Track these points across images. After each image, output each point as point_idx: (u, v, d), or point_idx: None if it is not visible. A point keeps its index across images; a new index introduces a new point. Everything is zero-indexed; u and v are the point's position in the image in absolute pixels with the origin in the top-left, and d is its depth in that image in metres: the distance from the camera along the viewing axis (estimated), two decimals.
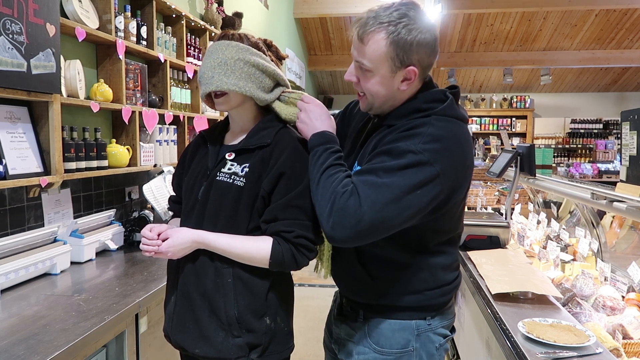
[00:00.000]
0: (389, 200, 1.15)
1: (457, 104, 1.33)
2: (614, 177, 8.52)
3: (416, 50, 1.23)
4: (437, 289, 1.36)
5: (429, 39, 1.24)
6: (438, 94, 1.31)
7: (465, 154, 1.27)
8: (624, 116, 2.04)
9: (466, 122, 1.34)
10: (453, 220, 1.37)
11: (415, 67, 1.25)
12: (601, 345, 1.43)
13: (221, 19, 3.94)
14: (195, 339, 1.40)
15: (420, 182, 1.17)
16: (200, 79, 1.39)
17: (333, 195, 1.19)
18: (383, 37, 1.23)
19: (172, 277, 1.49)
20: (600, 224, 2.68)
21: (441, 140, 1.21)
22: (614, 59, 9.13)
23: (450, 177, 1.22)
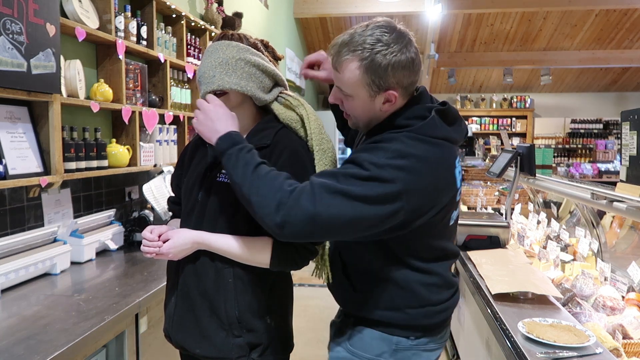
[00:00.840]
0: (344, 207, 1.12)
1: (446, 122, 1.27)
2: (614, 177, 8.53)
3: (392, 74, 1.20)
4: (421, 309, 1.31)
5: (405, 60, 1.20)
6: (421, 110, 1.26)
7: (436, 175, 1.21)
8: (624, 116, 2.04)
9: (452, 142, 1.28)
10: (434, 239, 1.32)
11: (394, 90, 1.23)
12: (601, 345, 1.44)
13: (221, 19, 3.94)
14: (196, 339, 1.41)
15: (377, 197, 1.13)
16: (200, 78, 1.39)
17: (279, 192, 1.15)
18: (356, 65, 1.20)
19: (172, 277, 1.50)
20: (600, 224, 2.68)
21: (407, 158, 1.17)
22: (614, 59, 9.13)
23: (415, 197, 1.18)
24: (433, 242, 1.32)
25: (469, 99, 11.09)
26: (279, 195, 1.14)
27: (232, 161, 1.23)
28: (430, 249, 1.32)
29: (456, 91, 11.14)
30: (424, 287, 1.31)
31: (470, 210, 4.17)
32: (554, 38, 8.85)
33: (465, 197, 4.66)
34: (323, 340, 3.86)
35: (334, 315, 1.55)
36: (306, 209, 1.12)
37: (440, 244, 1.33)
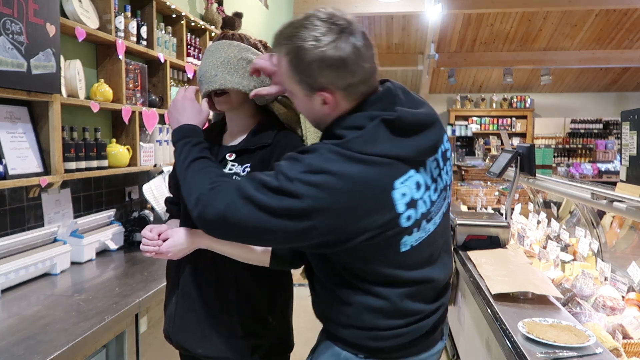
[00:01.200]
0: (250, 214, 1.07)
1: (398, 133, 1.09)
2: (614, 177, 8.52)
3: (320, 73, 1.08)
4: (366, 331, 1.20)
5: (336, 57, 1.06)
6: (360, 119, 1.11)
7: (358, 197, 1.06)
8: (624, 116, 2.04)
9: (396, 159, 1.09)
10: (382, 266, 1.17)
11: (327, 92, 1.11)
12: (601, 345, 1.43)
13: (221, 19, 3.94)
14: (198, 339, 1.41)
15: (282, 211, 1.05)
16: (202, 78, 1.39)
17: (200, 189, 1.15)
18: (284, 60, 1.12)
19: (172, 277, 1.49)
20: (600, 224, 2.68)
21: (320, 175, 1.05)
22: (614, 59, 9.13)
23: (331, 218, 1.06)
24: (381, 269, 1.17)
25: (469, 99, 11.09)
26: (198, 192, 1.15)
27: (177, 153, 1.27)
28: (377, 275, 1.18)
29: (456, 91, 11.14)
30: (367, 311, 1.19)
31: (470, 210, 4.17)
32: (554, 38, 8.85)
33: (465, 197, 4.66)
34: None
35: None
36: (216, 208, 1.11)
37: (391, 272, 1.17)
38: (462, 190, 4.78)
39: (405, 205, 1.11)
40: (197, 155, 1.24)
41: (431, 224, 1.19)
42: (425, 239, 1.19)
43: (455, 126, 10.51)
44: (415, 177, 1.12)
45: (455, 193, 4.96)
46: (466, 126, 10.53)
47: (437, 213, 1.21)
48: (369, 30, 8.51)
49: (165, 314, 1.52)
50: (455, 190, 4.99)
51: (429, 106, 1.20)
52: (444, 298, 1.29)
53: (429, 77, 9.36)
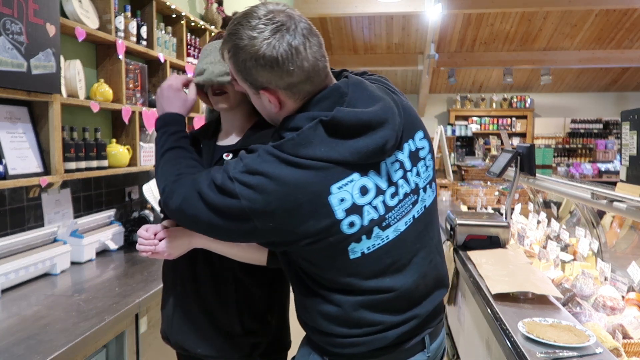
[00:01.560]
0: (201, 210, 1.09)
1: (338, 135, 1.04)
2: (614, 177, 8.53)
3: (256, 72, 1.05)
4: (324, 337, 1.17)
5: (269, 56, 1.03)
6: (300, 120, 1.07)
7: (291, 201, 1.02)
8: (624, 116, 2.04)
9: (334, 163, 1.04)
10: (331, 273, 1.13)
11: (268, 92, 1.08)
12: (601, 345, 1.43)
13: (221, 19, 3.94)
14: (197, 339, 1.41)
15: (224, 210, 1.06)
16: (199, 76, 1.39)
17: (167, 179, 1.19)
18: (227, 57, 1.10)
19: (169, 278, 1.49)
20: (600, 224, 2.68)
21: (256, 176, 1.03)
22: (614, 59, 9.13)
23: (267, 220, 1.04)
24: (333, 276, 1.13)
25: (469, 99, 11.09)
26: (164, 182, 1.19)
27: (157, 141, 1.30)
28: (330, 281, 1.14)
29: (456, 91, 11.15)
30: (322, 317, 1.16)
31: (470, 210, 4.17)
32: (554, 38, 8.85)
33: (465, 197, 4.66)
34: None
35: None
36: (175, 201, 1.14)
37: (344, 279, 1.12)
38: (462, 190, 4.78)
39: (345, 212, 1.05)
40: (172, 145, 1.26)
41: (390, 231, 1.12)
42: (382, 247, 1.12)
43: (455, 126, 10.51)
44: (359, 182, 1.06)
45: (455, 193, 4.96)
46: (466, 126, 10.53)
47: (399, 219, 1.13)
48: (369, 30, 8.52)
49: (162, 314, 1.52)
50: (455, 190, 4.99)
51: (386, 104, 1.11)
52: (419, 308, 1.20)
53: (429, 77, 9.36)
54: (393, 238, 1.13)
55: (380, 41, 8.88)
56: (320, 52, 1.09)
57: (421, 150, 1.20)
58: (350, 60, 9.20)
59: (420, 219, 1.19)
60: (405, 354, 1.20)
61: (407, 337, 1.19)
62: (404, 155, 1.15)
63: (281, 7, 1.08)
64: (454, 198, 4.94)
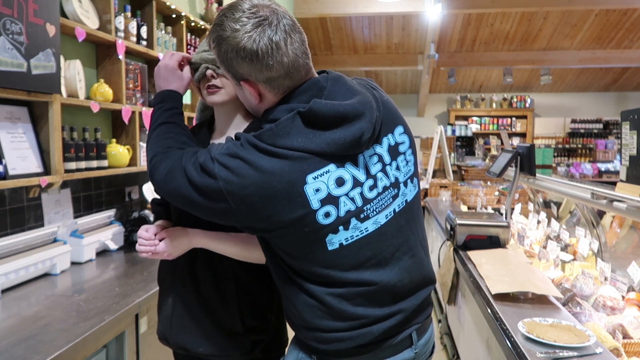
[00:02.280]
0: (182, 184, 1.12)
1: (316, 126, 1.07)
2: (614, 177, 8.53)
3: (237, 64, 1.08)
4: (310, 332, 1.16)
5: (249, 49, 1.05)
6: (279, 112, 1.10)
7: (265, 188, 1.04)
8: (624, 116, 2.04)
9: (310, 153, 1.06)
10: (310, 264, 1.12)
11: (248, 84, 1.11)
12: (601, 345, 1.43)
13: None
14: (198, 339, 1.41)
15: (202, 188, 1.09)
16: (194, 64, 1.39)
17: (155, 151, 1.22)
18: (212, 45, 1.13)
19: (167, 278, 1.49)
20: (600, 224, 2.68)
21: (236, 159, 1.07)
22: (614, 59, 9.13)
23: (241, 203, 1.06)
24: (312, 267, 1.13)
25: (469, 99, 11.09)
26: (153, 153, 1.23)
27: (152, 116, 1.33)
28: (309, 272, 1.14)
29: (456, 91, 11.15)
30: (307, 309, 1.15)
31: (470, 210, 4.17)
32: (554, 38, 8.85)
33: (465, 197, 4.66)
34: None
35: None
36: (160, 172, 1.17)
37: (322, 271, 1.12)
38: (462, 190, 4.78)
39: (320, 202, 1.07)
40: (166, 120, 1.29)
41: (369, 223, 1.12)
42: (361, 239, 1.12)
43: (455, 126, 10.50)
44: (335, 173, 1.08)
45: (455, 193, 4.97)
46: (466, 126, 10.53)
47: (379, 212, 1.14)
48: (369, 30, 8.52)
49: (159, 315, 1.52)
50: (455, 190, 4.99)
51: (364, 97, 1.13)
52: (405, 303, 1.19)
53: (429, 77, 9.36)
54: (373, 231, 1.14)
55: (380, 41, 8.88)
56: (302, 49, 1.11)
57: (401, 145, 1.21)
58: (350, 60, 9.20)
59: (401, 213, 1.19)
60: (393, 350, 1.20)
61: (393, 333, 1.19)
62: (383, 149, 1.17)
63: (266, 1, 1.10)
64: (454, 198, 4.94)
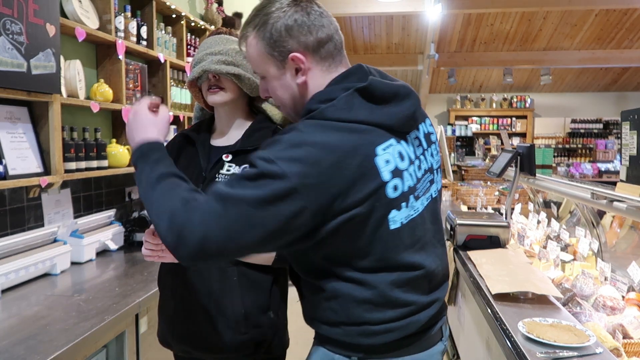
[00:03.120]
0: (235, 216, 0.95)
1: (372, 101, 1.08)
2: (614, 177, 8.53)
3: (289, 35, 1.09)
4: (355, 327, 1.12)
5: (301, 17, 1.10)
6: (335, 91, 1.09)
7: (341, 165, 1.00)
8: (624, 116, 2.04)
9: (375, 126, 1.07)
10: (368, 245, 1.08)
11: (298, 53, 1.10)
12: (601, 345, 1.43)
13: (221, 19, 3.94)
14: (203, 340, 1.41)
15: (270, 196, 0.96)
16: (195, 65, 1.40)
17: (171, 209, 0.98)
18: (253, 36, 1.12)
19: (168, 280, 1.49)
20: (600, 224, 2.68)
21: (302, 147, 0.99)
22: (614, 59, 9.13)
23: (317, 192, 0.98)
24: (369, 252, 1.08)
25: (469, 99, 11.09)
26: (167, 218, 0.98)
27: (137, 179, 1.11)
28: (362, 256, 1.09)
29: (456, 91, 11.14)
30: (356, 303, 1.10)
31: (470, 210, 4.17)
32: (554, 38, 8.85)
33: (465, 197, 4.66)
34: None
35: None
36: (194, 235, 0.95)
37: (381, 254, 1.09)
38: (462, 190, 4.78)
39: (391, 173, 1.06)
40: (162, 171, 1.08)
41: (419, 203, 1.14)
42: (414, 219, 1.12)
43: (455, 126, 10.51)
44: (397, 147, 1.09)
45: (455, 193, 4.96)
46: (466, 126, 10.53)
47: (424, 194, 1.16)
48: (369, 30, 8.52)
49: (160, 318, 1.52)
50: (455, 190, 4.99)
51: (404, 83, 1.19)
52: (438, 292, 1.21)
53: (429, 77, 9.36)
54: (421, 211, 1.15)
55: (380, 41, 8.88)
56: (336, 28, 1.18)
57: (432, 135, 1.25)
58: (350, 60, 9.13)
59: (435, 199, 1.23)
60: (429, 342, 1.20)
61: (432, 322, 1.20)
62: (421, 135, 1.20)
63: None
64: (454, 198, 4.94)
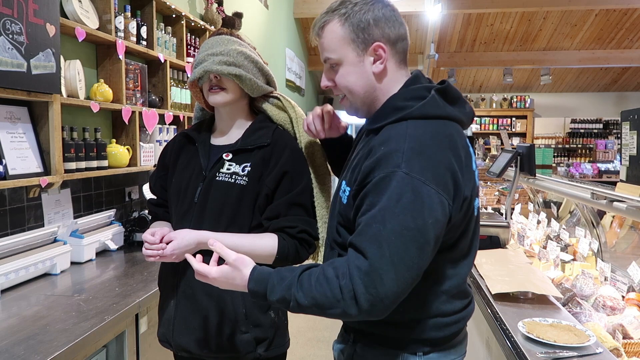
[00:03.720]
0: (407, 249, 0.97)
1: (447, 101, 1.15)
2: (614, 177, 8.53)
3: (375, 25, 1.13)
4: (428, 320, 1.14)
5: (388, 12, 1.15)
6: (420, 90, 1.14)
7: (455, 157, 1.06)
8: (624, 116, 2.05)
9: (457, 122, 1.15)
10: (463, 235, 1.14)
11: (381, 42, 1.14)
12: (601, 345, 1.43)
13: (221, 19, 3.94)
14: (203, 340, 1.41)
15: (425, 208, 0.99)
16: (199, 64, 1.40)
17: (337, 291, 0.99)
18: (337, 22, 1.14)
19: (169, 280, 1.49)
20: (600, 224, 2.68)
21: (426, 151, 1.03)
22: (614, 59, 9.13)
23: (446, 189, 1.03)
24: (459, 236, 1.12)
25: (469, 99, 11.09)
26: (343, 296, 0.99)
27: (278, 302, 1.08)
28: (454, 245, 1.12)
29: None
30: (433, 295, 1.13)
31: None
32: (554, 38, 8.85)
33: None
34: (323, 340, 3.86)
35: None
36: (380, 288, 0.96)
37: (466, 240, 1.15)
38: None
39: (475, 164, 1.17)
40: (298, 274, 1.06)
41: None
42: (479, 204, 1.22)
43: None
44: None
45: None
46: None
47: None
48: None
49: (161, 318, 1.51)
50: None
51: None
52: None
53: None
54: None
55: None
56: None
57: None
58: None
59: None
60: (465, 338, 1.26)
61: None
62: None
63: None
64: None
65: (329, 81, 1.20)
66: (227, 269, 1.12)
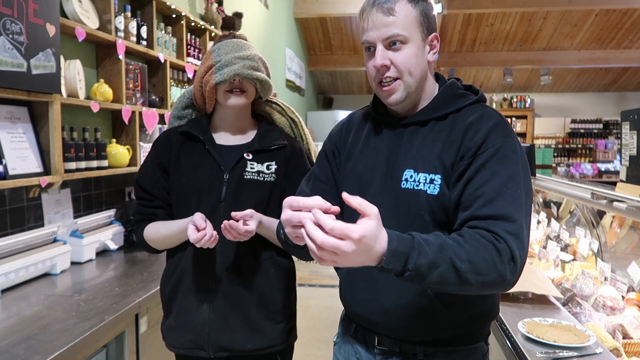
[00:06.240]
0: (530, 211, 1.07)
1: None
2: (614, 177, 8.53)
3: (433, 18, 1.21)
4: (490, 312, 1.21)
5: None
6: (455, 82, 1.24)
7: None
8: (624, 116, 2.05)
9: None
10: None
11: (435, 35, 1.20)
12: (601, 345, 1.43)
13: (221, 19, 3.94)
14: (246, 335, 1.45)
15: (529, 173, 1.11)
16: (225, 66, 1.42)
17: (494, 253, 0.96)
18: (407, 2, 1.15)
19: (202, 284, 1.46)
20: (600, 224, 2.67)
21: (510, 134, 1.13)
22: (614, 59, 9.13)
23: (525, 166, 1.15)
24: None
25: None
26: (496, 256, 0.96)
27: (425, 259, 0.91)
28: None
29: None
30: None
31: None
32: (554, 38, 8.85)
33: None
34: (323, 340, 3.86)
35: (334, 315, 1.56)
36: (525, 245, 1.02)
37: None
38: None
39: None
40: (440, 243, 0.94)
41: None
42: None
43: None
44: None
45: None
46: None
47: None
48: None
49: (185, 326, 1.48)
50: None
51: None
52: None
53: None
54: None
55: None
56: None
57: None
58: (350, 60, 9.20)
59: None
60: None
61: None
62: None
63: None
64: None
65: (386, 60, 1.14)
66: (373, 224, 0.84)
